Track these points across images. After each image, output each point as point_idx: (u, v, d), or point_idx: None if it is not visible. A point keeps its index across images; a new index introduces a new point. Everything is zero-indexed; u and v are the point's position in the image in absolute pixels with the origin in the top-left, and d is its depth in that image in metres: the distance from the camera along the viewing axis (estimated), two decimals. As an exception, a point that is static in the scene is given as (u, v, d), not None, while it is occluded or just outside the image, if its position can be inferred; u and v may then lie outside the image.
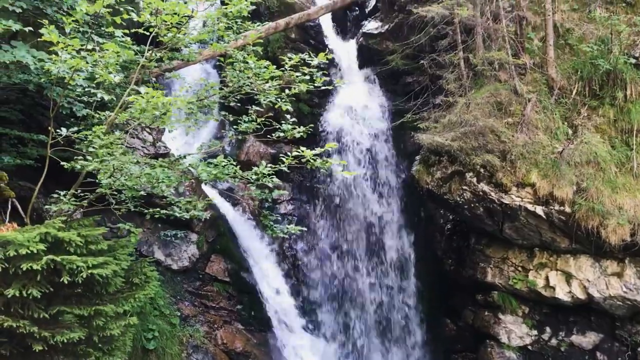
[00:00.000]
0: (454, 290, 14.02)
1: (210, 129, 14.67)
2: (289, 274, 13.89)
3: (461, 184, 12.18)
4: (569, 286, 11.94)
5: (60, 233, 6.25)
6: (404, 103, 14.26)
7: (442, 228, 14.57)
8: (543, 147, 11.66)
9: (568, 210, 11.28)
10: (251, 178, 7.54)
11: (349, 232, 14.54)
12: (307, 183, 14.99)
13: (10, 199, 7.51)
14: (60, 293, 6.70)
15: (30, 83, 8.39)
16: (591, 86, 12.15)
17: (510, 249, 12.78)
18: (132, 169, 6.97)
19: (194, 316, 12.05)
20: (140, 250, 11.76)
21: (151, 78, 9.46)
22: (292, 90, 7.62)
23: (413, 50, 14.19)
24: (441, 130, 12.20)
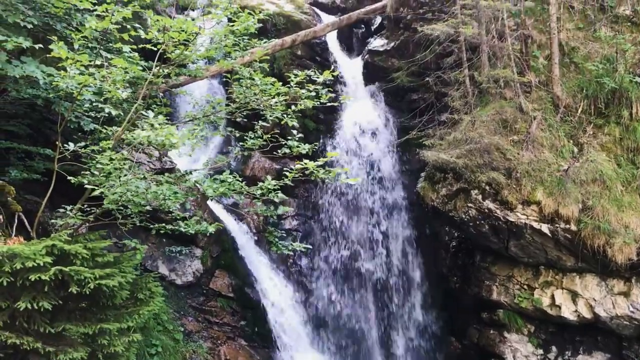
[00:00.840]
0: (459, 308, 13.93)
1: (216, 144, 14.74)
2: (293, 290, 13.84)
3: (466, 201, 12.17)
4: (575, 305, 11.85)
5: (66, 245, 6.27)
6: (409, 120, 14.32)
7: (447, 245, 14.52)
8: (548, 165, 11.65)
9: (574, 228, 11.23)
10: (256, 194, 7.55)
11: (354, 248, 14.50)
12: (312, 198, 15.00)
13: (17, 213, 7.54)
14: (65, 307, 6.71)
15: (39, 98, 8.47)
16: (597, 104, 12.17)
17: (515, 267, 12.71)
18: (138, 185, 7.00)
19: (197, 332, 12.00)
20: (145, 265, 11.76)
21: (158, 93, 9.53)
22: (298, 106, 7.67)
23: (418, 68, 14.27)
24: (446, 148, 12.22)
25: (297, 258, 14.39)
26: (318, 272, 14.38)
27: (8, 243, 6.56)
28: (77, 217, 7.32)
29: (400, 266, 14.61)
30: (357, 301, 14.28)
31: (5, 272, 5.99)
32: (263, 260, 13.66)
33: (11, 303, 6.16)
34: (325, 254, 14.54)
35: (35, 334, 6.15)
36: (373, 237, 14.58)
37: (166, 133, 6.14)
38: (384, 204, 14.79)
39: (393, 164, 15.01)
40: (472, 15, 12.84)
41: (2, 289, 6.08)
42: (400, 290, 14.48)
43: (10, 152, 9.15)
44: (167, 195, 7.07)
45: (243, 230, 13.65)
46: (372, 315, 14.24)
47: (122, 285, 6.94)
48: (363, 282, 14.41)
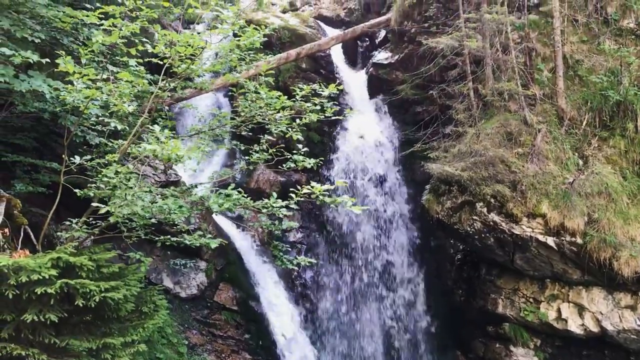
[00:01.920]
0: (464, 321, 13.85)
1: (221, 156, 14.78)
2: (298, 303, 13.79)
3: (471, 214, 12.14)
4: (582, 319, 11.77)
5: (71, 258, 6.28)
6: (413, 132, 14.34)
7: (452, 258, 14.47)
8: (554, 177, 11.63)
9: (579, 241, 11.19)
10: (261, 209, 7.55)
11: (359, 261, 14.47)
12: (316, 211, 14.99)
13: (23, 226, 7.56)
14: (70, 320, 6.70)
15: (45, 112, 8.52)
16: (601, 117, 12.17)
17: (521, 280, 12.65)
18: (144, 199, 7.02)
19: (201, 345, 11.95)
20: (149, 277, 11.75)
21: (164, 107, 9.58)
22: (303, 120, 7.70)
23: (423, 81, 14.32)
24: (451, 160, 12.22)
25: (301, 271, 14.36)
26: (322, 285, 14.33)
27: (14, 256, 6.57)
28: (82, 230, 7.34)
29: (404, 278, 14.56)
30: (361, 314, 14.22)
31: (11, 285, 6.00)
32: (267, 273, 13.63)
33: (17, 316, 6.16)
34: (330, 267, 14.50)
35: (40, 346, 6.15)
36: (377, 249, 14.55)
37: (172, 147, 6.16)
38: (388, 217, 14.76)
39: (397, 176, 15.01)
40: (476, 28, 12.90)
41: (8, 301, 6.08)
42: (405, 303, 14.42)
43: (17, 165, 9.18)
44: (173, 209, 7.08)
45: (247, 242, 13.64)
46: (377, 328, 14.17)
47: (127, 298, 6.94)
48: (367, 295, 14.35)
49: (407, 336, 14.28)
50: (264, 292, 13.19)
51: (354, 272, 14.46)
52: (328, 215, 14.85)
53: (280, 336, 12.70)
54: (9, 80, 7.30)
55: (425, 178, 13.75)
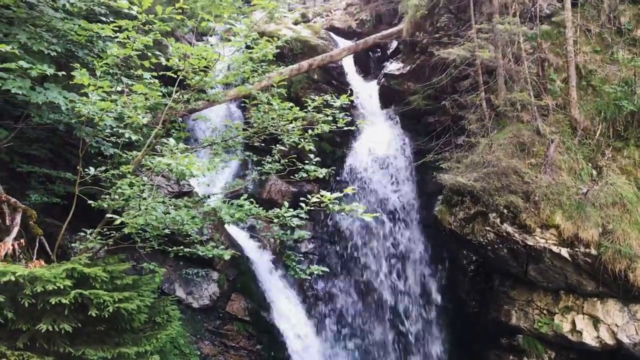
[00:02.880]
0: (477, 333, 13.73)
1: (233, 167, 14.85)
2: (310, 314, 13.77)
3: (484, 225, 12.08)
4: (597, 331, 11.62)
5: (86, 269, 6.35)
6: (425, 143, 14.33)
7: (465, 269, 14.39)
8: (567, 188, 11.55)
9: (594, 252, 11.08)
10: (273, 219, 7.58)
11: (372, 272, 14.43)
12: (328, 222, 14.99)
13: (38, 237, 7.64)
14: (84, 330, 6.75)
15: (61, 123, 8.63)
16: (615, 127, 12.09)
17: (535, 292, 12.54)
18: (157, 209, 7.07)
19: (213, 356, 11.97)
20: (162, 288, 11.80)
21: (177, 118, 9.66)
22: (315, 130, 7.73)
23: (435, 91, 14.33)
24: (463, 171, 12.19)
25: (313, 282, 14.35)
26: (334, 296, 14.31)
27: (29, 266, 6.64)
28: (96, 240, 7.40)
29: (417, 290, 14.50)
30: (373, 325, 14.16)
31: (27, 294, 6.06)
32: (279, 283, 13.64)
33: (31, 325, 6.22)
34: (341, 278, 14.48)
35: (55, 355, 6.20)
36: (389, 259, 14.51)
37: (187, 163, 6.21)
38: (400, 227, 14.73)
39: (410, 187, 14.98)
40: (489, 38, 12.91)
41: (23, 311, 6.14)
42: (418, 314, 14.34)
43: (32, 175, 9.30)
44: (185, 219, 7.13)
45: (259, 253, 13.67)
46: (389, 339, 14.09)
47: (141, 308, 6.98)
48: (379, 306, 14.29)
49: (420, 349, 14.18)
50: (276, 303, 13.18)
51: (366, 283, 14.41)
52: (340, 226, 14.84)
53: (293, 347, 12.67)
54: (25, 92, 7.42)
55: (437, 189, 13.71)
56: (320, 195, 6.66)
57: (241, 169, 14.86)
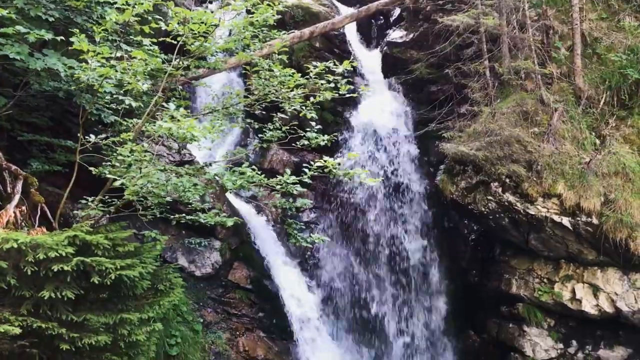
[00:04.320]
0: (478, 301, 13.86)
1: (235, 136, 14.77)
2: (311, 282, 13.86)
3: (486, 194, 12.08)
4: (596, 299, 11.72)
5: (88, 236, 6.36)
6: (428, 112, 14.23)
7: (466, 238, 14.45)
8: (570, 157, 11.51)
9: (595, 221, 11.10)
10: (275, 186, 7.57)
11: (372, 241, 14.47)
12: (330, 191, 14.98)
13: (39, 204, 7.64)
14: (87, 297, 6.80)
15: (60, 90, 8.55)
16: (620, 96, 11.99)
17: (535, 261, 12.62)
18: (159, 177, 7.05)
19: (216, 323, 12.08)
20: (165, 256, 11.84)
21: (177, 86, 9.57)
22: (316, 98, 7.66)
23: (438, 59, 14.15)
24: (466, 140, 12.13)
25: (314, 250, 14.40)
26: (336, 265, 14.38)
27: (31, 233, 6.66)
28: (98, 208, 7.40)
29: (418, 259, 14.56)
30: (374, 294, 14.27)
31: (29, 262, 6.09)
32: (281, 252, 13.69)
33: (35, 292, 6.26)
34: (343, 247, 14.53)
35: (58, 322, 6.25)
36: (391, 229, 14.54)
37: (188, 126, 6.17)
38: (402, 197, 14.72)
39: (412, 156, 14.93)
40: (493, 5, 12.70)
41: (27, 278, 6.18)
42: (418, 283, 14.44)
43: (33, 144, 9.26)
44: (187, 187, 7.11)
45: (261, 222, 13.69)
46: (390, 308, 14.22)
47: (143, 275, 7.01)
48: (380, 275, 14.38)
49: (420, 317, 14.32)
50: (278, 271, 13.26)
51: (368, 252, 14.47)
52: (341, 196, 14.83)
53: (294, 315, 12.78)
54: (24, 58, 7.33)
55: (439, 158, 13.67)
56: (324, 160, 6.64)
57: (243, 139, 14.79)
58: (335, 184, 14.77)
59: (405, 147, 14.94)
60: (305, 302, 13.17)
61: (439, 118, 13.51)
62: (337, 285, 14.22)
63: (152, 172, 6.77)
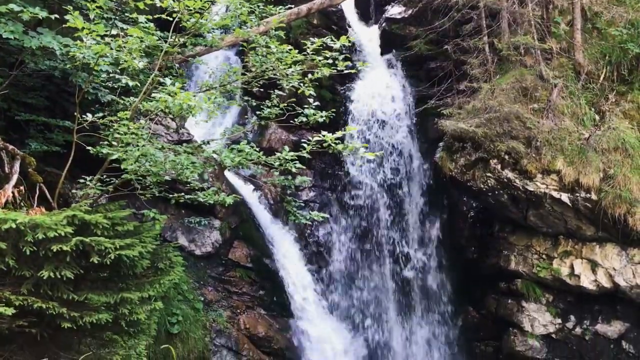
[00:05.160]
0: (476, 278, 13.94)
1: (233, 115, 14.72)
2: (311, 261, 13.92)
3: (485, 171, 12.06)
4: (595, 275, 11.79)
5: (87, 216, 6.33)
6: (427, 89, 14.16)
7: (465, 215, 14.47)
8: (569, 133, 11.48)
9: (594, 197, 11.11)
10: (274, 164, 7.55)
11: (372, 218, 14.50)
12: (329, 170, 14.96)
13: (38, 184, 7.62)
14: (87, 277, 6.81)
15: (56, 69, 8.48)
16: (620, 71, 11.91)
17: (534, 237, 12.66)
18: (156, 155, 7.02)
19: (217, 301, 12.16)
20: (164, 236, 11.87)
21: (174, 64, 9.48)
22: (314, 74, 7.58)
23: (437, 35, 14.05)
24: (465, 117, 12.08)
25: (314, 229, 14.44)
26: (335, 243, 14.43)
27: (30, 214, 6.64)
28: (96, 187, 7.38)
29: (417, 237, 14.61)
30: (374, 270, 14.35)
31: (28, 242, 6.07)
32: (280, 231, 13.73)
33: (35, 272, 6.26)
34: (343, 225, 14.56)
35: (59, 301, 6.26)
36: (389, 206, 14.56)
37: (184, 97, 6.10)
38: (401, 175, 14.71)
39: (411, 133, 14.88)
40: (492, -20, 12.55)
41: (26, 258, 6.17)
42: (418, 260, 14.50)
43: (30, 124, 9.21)
44: (185, 165, 7.09)
45: (261, 201, 13.70)
46: (390, 285, 14.31)
47: (143, 255, 7.01)
48: (380, 252, 14.44)
49: (419, 293, 14.41)
50: (278, 250, 13.31)
51: (367, 230, 14.51)
52: (340, 174, 14.82)
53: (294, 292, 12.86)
54: (18, 36, 7.25)
55: (438, 136, 13.62)
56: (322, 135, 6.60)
57: (241, 118, 14.73)
58: (334, 162, 14.76)
59: (404, 125, 14.88)
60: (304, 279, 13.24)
61: (438, 95, 13.44)
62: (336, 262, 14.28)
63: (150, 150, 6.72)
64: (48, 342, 6.59)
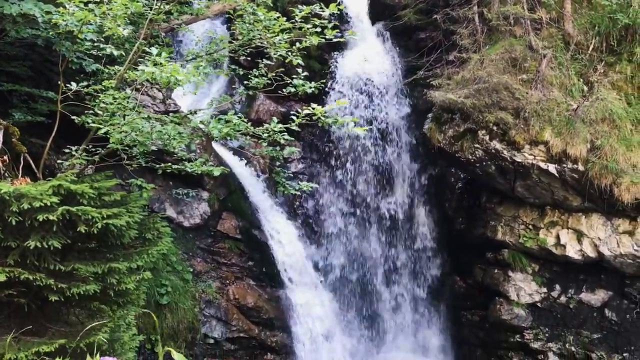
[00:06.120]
0: (464, 248, 14.07)
1: (220, 86, 14.58)
2: (300, 232, 13.97)
3: (473, 142, 12.08)
4: (580, 244, 11.94)
5: (72, 185, 6.26)
6: (416, 59, 14.06)
7: (453, 187, 14.53)
8: (557, 104, 11.49)
9: (581, 168, 11.19)
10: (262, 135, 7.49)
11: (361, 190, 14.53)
12: (317, 142, 14.93)
13: (22, 154, 7.52)
14: (74, 247, 6.77)
15: (39, 38, 8.31)
16: (608, 42, 11.88)
17: (521, 208, 12.75)
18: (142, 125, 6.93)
19: (206, 272, 12.21)
20: (152, 207, 11.84)
21: (160, 33, 9.33)
22: (302, 43, 7.48)
23: (426, 5, 13.92)
24: (454, 88, 12.03)
25: (303, 200, 14.46)
26: (324, 214, 14.48)
27: (15, 184, 6.56)
28: (82, 157, 7.30)
29: (405, 208, 14.68)
30: (362, 241, 14.44)
31: (13, 212, 6.01)
32: (269, 202, 13.74)
33: (21, 242, 6.21)
34: (331, 196, 14.59)
35: (46, 272, 6.23)
36: (378, 178, 14.59)
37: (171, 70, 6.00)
38: (390, 146, 14.70)
39: (399, 104, 14.83)
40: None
41: (12, 228, 6.11)
42: (405, 230, 14.60)
43: (13, 94, 9.06)
44: (172, 134, 7.01)
45: (249, 173, 13.66)
46: (378, 255, 14.41)
47: (130, 225, 6.96)
48: (369, 222, 14.51)
49: (407, 263, 14.54)
50: (267, 221, 13.33)
51: (356, 201, 14.55)
52: (329, 145, 14.79)
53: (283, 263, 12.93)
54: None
55: (427, 107, 13.57)
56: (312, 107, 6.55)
57: (229, 89, 14.59)
58: (323, 134, 14.71)
59: (393, 96, 14.82)
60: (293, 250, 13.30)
61: (427, 65, 13.36)
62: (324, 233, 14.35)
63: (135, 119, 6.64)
64: (37, 313, 6.58)
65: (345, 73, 14.75)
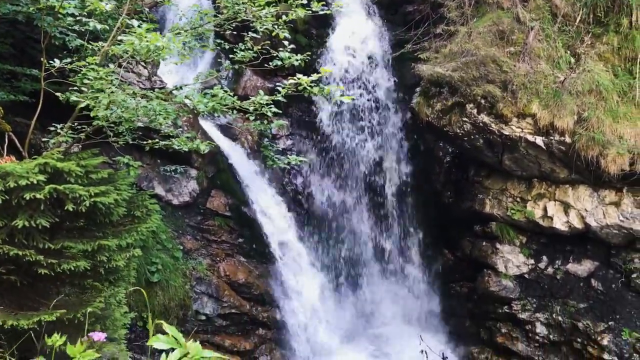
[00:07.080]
0: (452, 222, 14.18)
1: (206, 63, 14.42)
2: (289, 208, 13.98)
3: (461, 116, 12.10)
4: (567, 216, 12.07)
5: (59, 163, 6.20)
6: (404, 33, 13.98)
7: (441, 160, 14.58)
8: (545, 76, 11.49)
9: (568, 140, 11.25)
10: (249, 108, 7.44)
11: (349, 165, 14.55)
12: (305, 118, 14.86)
13: (7, 133, 7.43)
14: (63, 226, 6.74)
15: (19, 13, 8.16)
16: (595, 13, 11.83)
17: (509, 181, 12.85)
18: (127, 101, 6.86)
19: (196, 250, 12.22)
20: (141, 185, 11.78)
21: (144, 8, 9.18)
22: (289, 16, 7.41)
23: (413, -23, 13.78)
24: (442, 61, 12.00)
25: (292, 177, 14.46)
26: (313, 190, 14.49)
27: (0, 162, 6.49)
28: (68, 135, 7.23)
29: (393, 182, 14.72)
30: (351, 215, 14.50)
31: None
32: (258, 179, 13.71)
33: (8, 221, 6.16)
34: (321, 172, 14.59)
35: (35, 250, 6.20)
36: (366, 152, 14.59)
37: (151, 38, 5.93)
38: (377, 120, 14.69)
39: (387, 79, 14.77)
40: None
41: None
42: (394, 205, 14.66)
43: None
44: (158, 110, 6.95)
45: (237, 149, 13.60)
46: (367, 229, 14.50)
47: (118, 202, 6.92)
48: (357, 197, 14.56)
49: (396, 236, 14.64)
50: (256, 198, 13.32)
51: (345, 176, 14.58)
52: (317, 122, 14.74)
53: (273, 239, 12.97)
54: (-24, -22, 6.92)
55: (415, 81, 13.54)
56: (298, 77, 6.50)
57: (215, 65, 14.43)
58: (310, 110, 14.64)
59: (381, 69, 14.75)
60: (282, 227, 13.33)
61: (415, 39, 13.28)
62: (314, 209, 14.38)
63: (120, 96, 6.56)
64: (28, 290, 6.56)
65: (333, 47, 14.64)
